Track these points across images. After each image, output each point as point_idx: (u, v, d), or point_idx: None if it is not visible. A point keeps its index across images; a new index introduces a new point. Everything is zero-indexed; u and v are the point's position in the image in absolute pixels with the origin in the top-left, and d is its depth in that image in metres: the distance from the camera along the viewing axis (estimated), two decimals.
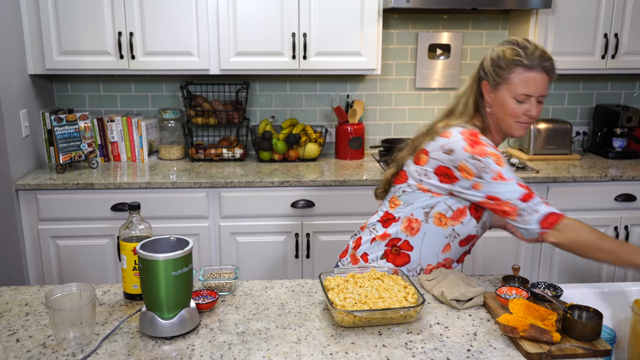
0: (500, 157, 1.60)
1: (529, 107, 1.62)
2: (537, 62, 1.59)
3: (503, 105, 1.64)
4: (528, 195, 1.56)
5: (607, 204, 3.08)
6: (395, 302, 1.43)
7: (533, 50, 1.60)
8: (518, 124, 1.65)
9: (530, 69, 1.59)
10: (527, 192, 1.57)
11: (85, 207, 2.87)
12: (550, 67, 1.60)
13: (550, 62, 1.61)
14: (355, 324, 1.40)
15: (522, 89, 1.60)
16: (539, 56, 1.59)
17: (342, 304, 1.43)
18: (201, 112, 3.27)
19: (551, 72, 1.61)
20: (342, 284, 1.53)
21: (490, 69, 1.65)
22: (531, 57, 1.59)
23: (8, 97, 2.79)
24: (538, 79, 1.59)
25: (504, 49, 1.63)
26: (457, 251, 1.78)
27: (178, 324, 1.36)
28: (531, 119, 1.64)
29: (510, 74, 1.61)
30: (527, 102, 1.62)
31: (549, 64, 1.60)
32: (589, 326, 1.32)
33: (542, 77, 1.60)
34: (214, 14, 2.99)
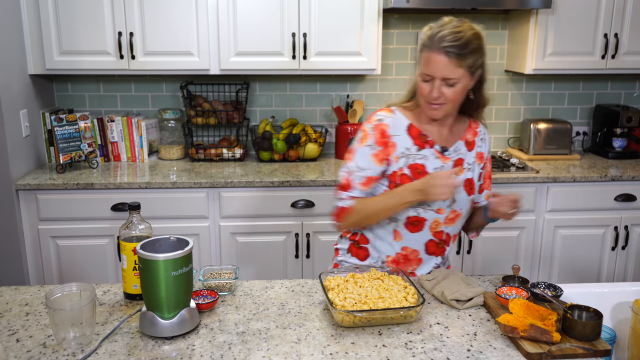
0: (367, 137, 1.69)
1: (432, 88, 1.60)
2: (439, 44, 1.56)
3: (417, 83, 1.66)
4: (341, 187, 1.71)
5: (607, 204, 3.08)
6: (395, 302, 1.43)
7: (440, 31, 1.57)
8: (427, 104, 1.65)
9: (431, 49, 1.57)
10: (343, 183, 1.71)
11: (86, 207, 2.87)
12: (452, 50, 1.54)
13: (453, 44, 1.54)
14: (355, 324, 1.40)
15: (424, 68, 1.60)
16: (441, 38, 1.55)
17: (342, 304, 1.43)
18: (201, 112, 3.27)
19: (453, 55, 1.55)
20: (342, 284, 1.53)
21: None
22: (435, 39, 1.57)
23: (8, 97, 2.79)
24: (438, 61, 1.56)
25: (423, 30, 1.64)
26: (412, 238, 1.74)
27: (178, 324, 1.36)
28: (435, 100, 1.62)
29: (420, 53, 1.63)
30: (431, 82, 1.61)
31: (450, 46, 1.55)
32: (589, 326, 1.32)
33: (443, 59, 1.56)
34: (214, 14, 2.99)
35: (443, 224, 1.73)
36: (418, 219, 1.70)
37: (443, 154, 1.71)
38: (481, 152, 1.78)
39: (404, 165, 1.68)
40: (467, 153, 1.74)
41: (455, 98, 1.62)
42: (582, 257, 3.13)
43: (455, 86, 1.60)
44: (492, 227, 3.04)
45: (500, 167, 3.12)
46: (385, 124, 1.70)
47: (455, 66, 1.56)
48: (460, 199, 1.71)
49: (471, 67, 1.59)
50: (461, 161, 1.73)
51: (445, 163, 1.71)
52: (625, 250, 3.13)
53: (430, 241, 1.75)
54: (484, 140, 1.79)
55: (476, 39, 1.58)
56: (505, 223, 3.03)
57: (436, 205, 1.68)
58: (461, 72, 1.58)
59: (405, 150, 1.69)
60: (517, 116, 3.61)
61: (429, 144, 1.71)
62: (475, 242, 3.06)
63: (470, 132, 1.77)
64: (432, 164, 1.70)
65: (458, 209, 1.72)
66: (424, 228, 1.72)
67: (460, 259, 3.08)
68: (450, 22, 1.60)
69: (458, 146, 1.74)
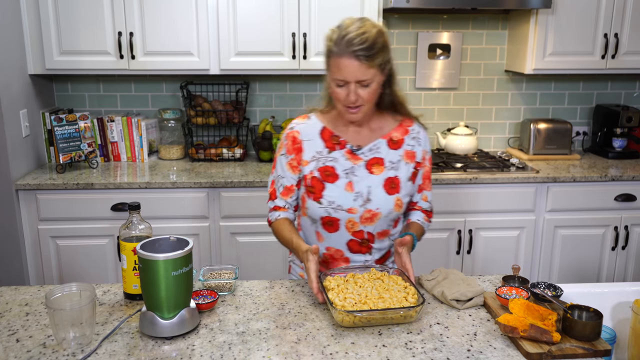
0: (282, 146, 1.76)
1: (348, 92, 1.60)
2: (347, 49, 1.54)
3: (331, 90, 1.65)
4: (269, 195, 1.81)
5: (607, 204, 3.08)
6: (396, 302, 1.43)
7: (343, 35, 1.55)
8: (345, 108, 1.64)
9: (340, 55, 1.55)
10: (269, 192, 1.80)
11: (85, 207, 2.87)
12: (362, 53, 1.53)
13: (361, 47, 1.53)
14: (355, 324, 1.40)
15: (336, 74, 1.59)
16: (348, 42, 1.53)
17: (342, 304, 1.43)
18: (201, 112, 3.27)
19: (363, 57, 1.53)
20: (343, 284, 1.53)
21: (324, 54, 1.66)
22: (342, 43, 1.54)
23: (8, 97, 2.79)
24: (348, 65, 1.55)
25: (327, 33, 1.62)
26: (332, 238, 1.74)
27: (178, 324, 1.37)
28: (354, 103, 1.61)
29: (328, 60, 1.61)
30: (346, 87, 1.60)
31: (359, 50, 1.53)
32: (589, 326, 1.32)
33: (354, 63, 1.54)
34: (214, 14, 2.99)
35: (360, 224, 1.71)
36: (331, 219, 1.71)
37: (355, 153, 1.71)
38: (411, 151, 1.75)
39: (314, 169, 1.71)
40: (389, 151, 1.73)
41: (371, 98, 1.63)
42: (582, 257, 3.13)
43: (370, 86, 1.60)
44: (492, 227, 3.06)
45: (500, 167, 3.12)
46: (297, 130, 1.75)
47: (367, 67, 1.56)
48: (377, 198, 1.69)
49: (381, 64, 1.59)
50: (378, 160, 1.72)
51: (356, 164, 1.71)
52: (625, 250, 3.13)
53: (351, 241, 1.74)
54: (417, 139, 1.77)
55: (380, 36, 1.58)
56: (505, 223, 3.05)
57: (347, 205, 1.69)
58: (373, 71, 1.58)
59: (315, 153, 1.72)
60: (517, 116, 3.61)
61: (341, 145, 1.72)
62: (475, 242, 3.06)
63: (400, 130, 1.76)
64: (342, 165, 1.71)
65: (374, 209, 1.70)
66: (340, 228, 1.72)
67: (460, 259, 3.08)
68: (352, 23, 1.58)
69: (377, 145, 1.73)
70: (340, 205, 1.69)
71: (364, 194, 1.70)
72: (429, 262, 3.03)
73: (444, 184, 2.97)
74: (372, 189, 1.70)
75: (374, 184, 1.70)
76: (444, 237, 3.04)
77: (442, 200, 2.98)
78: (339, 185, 1.69)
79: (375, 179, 1.71)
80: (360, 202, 1.69)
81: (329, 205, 1.69)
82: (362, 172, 1.71)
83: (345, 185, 1.69)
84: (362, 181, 1.70)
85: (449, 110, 3.57)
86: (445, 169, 3.08)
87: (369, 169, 1.71)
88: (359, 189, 1.69)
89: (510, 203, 3.03)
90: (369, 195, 1.69)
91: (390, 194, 1.71)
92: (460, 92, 3.55)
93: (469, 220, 3.03)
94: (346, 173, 1.70)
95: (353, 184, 1.69)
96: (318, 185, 1.70)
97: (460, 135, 3.38)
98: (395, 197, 1.72)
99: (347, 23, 1.59)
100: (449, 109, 3.57)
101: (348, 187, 1.69)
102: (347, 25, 1.57)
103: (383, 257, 1.81)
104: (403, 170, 1.74)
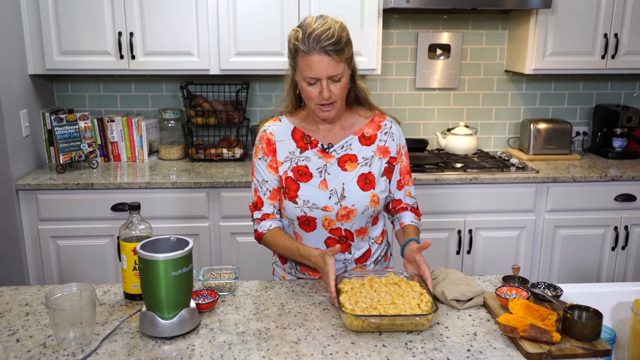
0: (258, 150, 1.75)
1: (320, 89, 1.60)
2: (316, 45, 1.54)
3: (302, 90, 1.65)
4: (254, 206, 1.77)
5: (607, 204, 3.08)
6: (407, 309, 1.41)
7: (310, 33, 1.55)
8: (318, 107, 1.64)
9: (309, 53, 1.55)
10: (254, 202, 1.77)
11: (86, 207, 2.87)
12: (331, 48, 1.54)
13: (330, 42, 1.53)
14: (364, 328, 1.38)
15: (307, 72, 1.58)
16: (316, 39, 1.54)
17: (352, 307, 1.40)
18: (201, 112, 3.27)
19: (333, 52, 1.54)
20: (357, 287, 1.50)
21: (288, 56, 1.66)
22: (310, 41, 1.54)
23: (8, 97, 2.79)
24: (319, 61, 1.55)
25: (290, 34, 1.62)
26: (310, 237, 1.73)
27: (178, 324, 1.36)
28: (327, 100, 1.61)
29: (295, 59, 1.61)
30: (317, 84, 1.60)
31: (327, 45, 1.54)
32: (589, 326, 1.32)
33: (324, 59, 1.55)
34: (214, 14, 2.99)
35: (337, 221, 1.70)
36: (307, 218, 1.71)
37: (327, 151, 1.72)
38: (385, 147, 1.75)
39: (288, 169, 1.72)
40: (361, 148, 1.73)
41: (343, 93, 1.63)
42: (582, 257, 3.13)
43: (341, 81, 1.60)
44: (492, 227, 3.06)
45: (500, 167, 3.12)
46: (270, 132, 1.75)
47: (337, 62, 1.57)
48: (351, 194, 1.69)
49: (348, 58, 1.60)
50: (350, 157, 1.72)
51: (329, 161, 1.71)
52: (625, 250, 3.13)
53: (329, 239, 1.74)
54: (389, 134, 1.76)
55: (343, 30, 1.60)
56: (505, 223, 3.05)
57: (322, 203, 1.69)
58: (343, 65, 1.59)
59: (289, 154, 1.72)
60: (517, 116, 3.61)
61: (312, 144, 1.72)
62: (475, 242, 3.06)
63: (372, 126, 1.76)
64: (314, 164, 1.71)
65: (350, 206, 1.69)
66: (318, 226, 1.72)
67: (460, 259, 3.08)
68: (314, 21, 1.58)
69: (349, 141, 1.73)
70: (316, 204, 1.69)
71: (338, 191, 1.69)
72: (429, 262, 3.01)
73: (444, 184, 2.97)
74: (346, 186, 1.70)
75: (347, 180, 1.70)
76: (444, 237, 3.04)
77: (442, 200, 2.99)
78: (313, 184, 1.70)
79: (349, 176, 1.70)
80: (335, 199, 1.69)
81: (304, 204, 1.69)
82: (335, 169, 1.71)
83: (319, 183, 1.70)
84: (335, 178, 1.70)
85: (449, 110, 3.57)
86: (445, 169, 3.08)
87: (342, 166, 1.71)
88: (333, 186, 1.69)
89: (510, 203, 3.03)
90: (343, 192, 1.69)
91: (365, 190, 1.71)
92: (460, 92, 3.55)
93: (469, 220, 3.03)
94: (319, 171, 1.70)
95: (327, 182, 1.70)
96: (292, 185, 1.71)
97: (460, 136, 3.38)
98: (370, 192, 1.71)
99: (308, 21, 1.59)
100: (449, 109, 3.57)
101: (322, 185, 1.69)
102: (310, 23, 1.58)
103: (363, 256, 1.79)
104: (376, 166, 1.74)
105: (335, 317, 1.47)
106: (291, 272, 1.84)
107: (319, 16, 1.61)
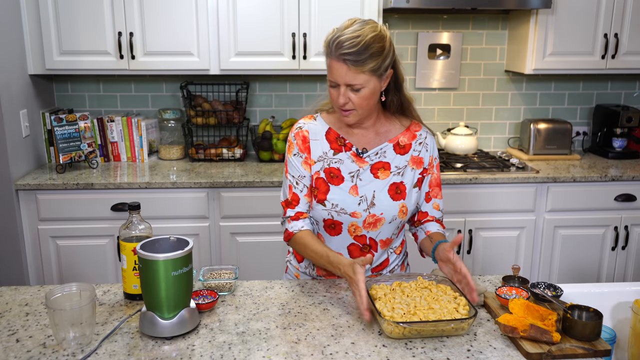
0: (293, 146, 1.71)
1: (338, 94, 1.58)
2: (336, 52, 1.53)
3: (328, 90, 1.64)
4: (286, 203, 1.71)
5: (607, 204, 3.08)
6: (446, 314, 1.38)
7: (337, 37, 1.53)
8: (340, 110, 1.63)
9: (331, 57, 1.55)
10: (287, 200, 1.71)
11: (85, 207, 2.87)
12: (349, 58, 1.51)
13: (350, 51, 1.50)
14: (405, 335, 1.36)
15: (329, 75, 1.58)
16: (339, 45, 1.52)
17: (391, 314, 1.38)
18: (201, 112, 3.27)
19: (350, 62, 1.51)
20: (389, 292, 1.48)
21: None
22: (333, 46, 1.53)
23: (8, 97, 2.79)
24: (337, 67, 1.54)
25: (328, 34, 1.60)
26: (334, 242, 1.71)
27: (178, 324, 1.36)
28: (342, 106, 1.59)
29: (326, 59, 1.60)
30: (337, 88, 1.58)
31: (346, 54, 1.51)
32: (589, 326, 1.32)
33: (341, 66, 1.53)
34: (214, 14, 2.99)
35: (363, 228, 1.68)
36: (334, 222, 1.69)
37: (361, 156, 1.69)
38: (419, 157, 1.72)
39: (320, 169, 1.69)
40: (395, 156, 1.70)
41: (362, 103, 1.59)
42: (582, 257, 3.13)
43: (361, 91, 1.56)
44: (492, 227, 3.06)
45: (500, 167, 3.12)
46: (306, 130, 1.71)
47: (356, 72, 1.53)
48: (381, 203, 1.67)
49: (376, 70, 1.55)
50: (384, 164, 1.69)
51: (362, 167, 1.68)
52: (625, 251, 3.13)
53: (352, 245, 1.72)
54: (424, 144, 1.73)
55: (377, 41, 1.53)
56: (505, 223, 3.05)
57: (351, 209, 1.67)
58: (364, 77, 1.54)
59: (322, 154, 1.70)
60: (517, 116, 3.61)
61: (347, 147, 1.70)
62: (475, 242, 3.06)
63: (407, 135, 1.72)
64: (347, 167, 1.68)
65: (378, 214, 1.67)
66: (343, 231, 1.70)
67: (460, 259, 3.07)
68: (351, 24, 1.55)
69: (383, 148, 1.70)
70: (344, 209, 1.66)
71: (368, 198, 1.67)
72: (429, 262, 3.03)
73: (444, 184, 2.97)
74: (376, 194, 1.67)
75: (378, 188, 1.67)
76: None
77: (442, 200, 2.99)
78: (344, 188, 1.67)
79: (380, 184, 1.68)
80: (364, 206, 1.67)
81: (333, 208, 1.67)
82: (367, 175, 1.68)
83: (350, 188, 1.67)
84: (366, 185, 1.67)
85: (449, 111, 3.57)
86: (445, 169, 3.08)
87: (374, 173, 1.68)
88: (363, 192, 1.67)
89: (510, 203, 3.04)
90: (373, 200, 1.67)
91: (395, 199, 1.68)
92: (460, 92, 3.55)
93: (469, 220, 3.03)
94: (351, 176, 1.68)
95: (358, 187, 1.67)
96: (323, 186, 1.68)
97: (460, 136, 3.38)
98: (400, 203, 1.68)
99: (346, 24, 1.57)
100: (449, 109, 3.57)
101: (352, 190, 1.67)
102: (345, 27, 1.55)
103: (380, 265, 1.77)
104: (409, 176, 1.71)
105: (335, 317, 1.47)
106: (306, 271, 1.81)
107: (362, 21, 1.57)
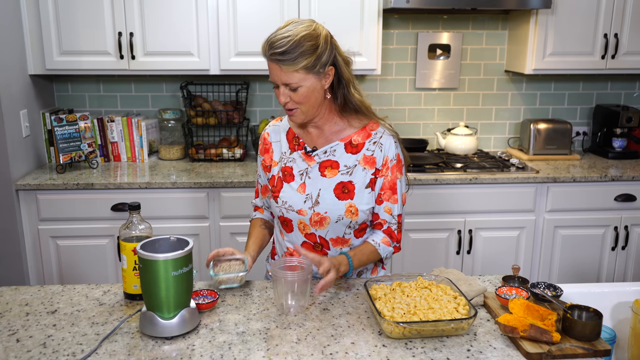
0: (259, 147, 1.81)
1: (279, 94, 1.60)
2: (267, 52, 1.55)
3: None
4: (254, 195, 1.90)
5: (607, 204, 3.08)
6: (446, 314, 1.39)
7: (269, 39, 1.55)
8: (286, 110, 1.64)
9: (266, 57, 1.57)
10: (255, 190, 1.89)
11: (86, 207, 2.87)
12: (277, 57, 1.52)
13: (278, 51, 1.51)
14: (405, 335, 1.36)
15: (270, 76, 1.60)
16: (270, 45, 1.54)
17: (391, 314, 1.39)
18: (201, 112, 3.27)
19: (280, 62, 1.52)
20: (389, 293, 1.49)
21: None
22: (266, 46, 1.56)
23: (8, 97, 2.79)
24: (272, 68, 1.57)
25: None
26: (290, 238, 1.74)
27: (178, 324, 1.37)
28: (284, 105, 1.61)
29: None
30: (278, 89, 1.59)
31: (274, 53, 1.52)
32: (589, 326, 1.32)
33: (275, 67, 1.55)
34: (214, 14, 2.99)
35: (311, 226, 1.68)
36: (285, 219, 1.72)
37: (310, 155, 1.70)
38: (371, 157, 1.67)
39: (279, 169, 1.73)
40: (345, 155, 1.67)
41: (304, 101, 1.58)
42: (582, 257, 3.13)
43: (299, 90, 1.56)
44: (492, 227, 3.05)
45: (500, 167, 3.12)
46: (267, 132, 1.79)
47: (289, 72, 1.54)
48: (325, 201, 1.65)
49: (310, 68, 1.53)
50: (332, 163, 1.67)
51: (310, 165, 1.69)
52: (625, 250, 3.13)
53: (304, 243, 1.72)
54: (378, 144, 1.67)
55: (309, 39, 1.52)
56: (505, 223, 3.05)
57: (297, 206, 1.68)
58: (299, 75, 1.54)
59: (282, 154, 1.74)
60: (517, 116, 3.61)
61: (300, 146, 1.72)
62: (475, 242, 3.06)
63: (362, 134, 1.68)
64: (298, 166, 1.70)
65: (322, 212, 1.65)
66: (294, 229, 1.72)
67: (460, 259, 3.08)
68: (285, 25, 1.56)
69: (333, 147, 1.68)
70: (292, 206, 1.69)
71: (313, 196, 1.66)
72: (429, 263, 3.03)
73: (444, 184, 2.97)
74: (322, 192, 1.66)
75: (324, 186, 1.66)
76: (443, 237, 3.04)
77: (442, 201, 2.99)
78: (293, 187, 1.69)
79: (326, 182, 1.67)
80: (309, 204, 1.67)
81: (283, 205, 1.70)
82: (316, 174, 1.68)
83: (299, 186, 1.69)
84: (313, 183, 1.68)
85: (449, 111, 3.57)
86: (445, 169, 3.08)
87: (322, 172, 1.68)
88: (309, 190, 1.67)
89: (510, 203, 3.03)
90: (318, 198, 1.66)
91: (341, 199, 1.65)
92: (460, 92, 3.55)
93: (469, 220, 3.03)
94: (301, 174, 1.69)
95: (305, 186, 1.68)
96: (279, 184, 1.72)
97: (460, 136, 3.38)
98: (347, 202, 1.65)
99: (282, 25, 1.58)
100: (449, 109, 3.57)
101: (300, 188, 1.68)
102: (281, 27, 1.57)
103: None
104: (359, 176, 1.66)
105: (335, 317, 1.47)
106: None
107: (299, 21, 1.58)
